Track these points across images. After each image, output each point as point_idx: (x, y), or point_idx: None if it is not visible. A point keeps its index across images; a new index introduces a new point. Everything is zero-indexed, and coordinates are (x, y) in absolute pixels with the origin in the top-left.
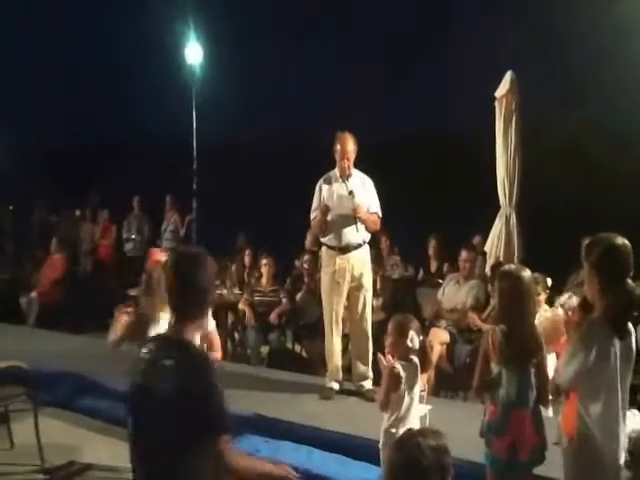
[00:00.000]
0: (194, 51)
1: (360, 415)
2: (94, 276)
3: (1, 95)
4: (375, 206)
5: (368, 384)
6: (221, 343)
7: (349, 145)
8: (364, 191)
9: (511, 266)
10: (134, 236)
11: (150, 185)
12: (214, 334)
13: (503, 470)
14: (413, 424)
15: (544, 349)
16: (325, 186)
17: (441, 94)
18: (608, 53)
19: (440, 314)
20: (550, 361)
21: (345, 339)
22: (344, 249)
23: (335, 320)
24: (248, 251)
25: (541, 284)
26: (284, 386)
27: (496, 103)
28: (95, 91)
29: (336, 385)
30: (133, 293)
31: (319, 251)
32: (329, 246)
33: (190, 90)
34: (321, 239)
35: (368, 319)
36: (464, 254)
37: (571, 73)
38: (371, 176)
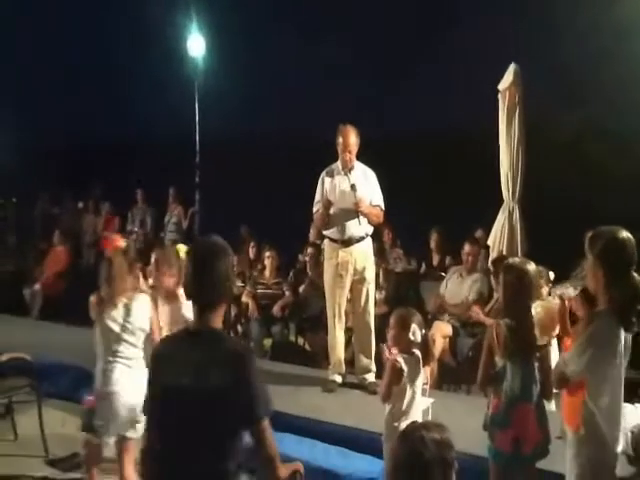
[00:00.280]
0: (196, 45)
1: (363, 408)
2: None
3: (3, 92)
4: (378, 199)
5: (371, 377)
6: None
7: (351, 138)
8: (367, 184)
9: (516, 260)
10: (137, 229)
11: (153, 178)
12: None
13: (506, 464)
14: (415, 417)
15: (549, 343)
16: (327, 179)
17: (444, 88)
18: (609, 52)
19: (443, 308)
20: (552, 353)
21: (348, 332)
22: (347, 242)
23: (338, 313)
24: (252, 244)
25: (544, 278)
26: (287, 379)
27: (499, 95)
28: (97, 86)
29: (339, 378)
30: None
31: (322, 244)
32: (332, 239)
33: (193, 84)
34: (324, 232)
35: (371, 312)
36: (467, 247)
37: (572, 71)
38: (374, 170)
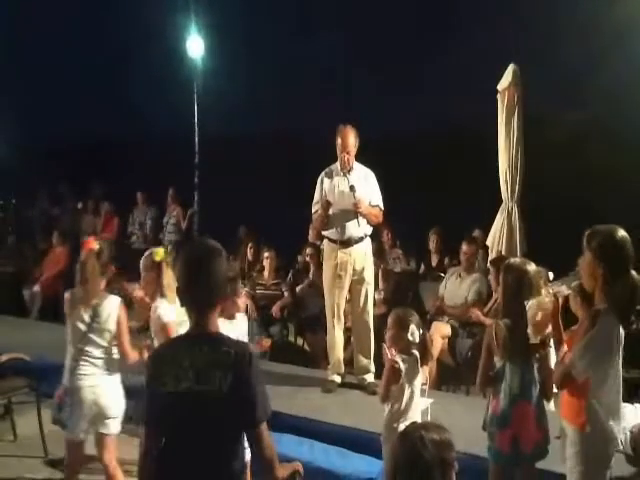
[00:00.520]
0: (196, 45)
1: (362, 408)
2: None
3: (2, 92)
4: (377, 199)
5: (370, 377)
6: None
7: (350, 138)
8: (366, 184)
9: (516, 260)
10: (137, 230)
11: (152, 178)
12: (170, 326)
13: (506, 463)
14: (414, 418)
15: (548, 344)
16: (326, 180)
17: (443, 88)
18: (609, 52)
19: (442, 310)
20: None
21: (347, 332)
22: (346, 243)
23: (337, 313)
24: (250, 245)
25: (543, 278)
26: (286, 379)
27: (498, 96)
28: (97, 86)
29: (338, 378)
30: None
31: (321, 244)
32: (331, 240)
33: (192, 84)
34: (323, 233)
35: (370, 312)
36: (465, 247)
37: (572, 70)
38: (373, 170)
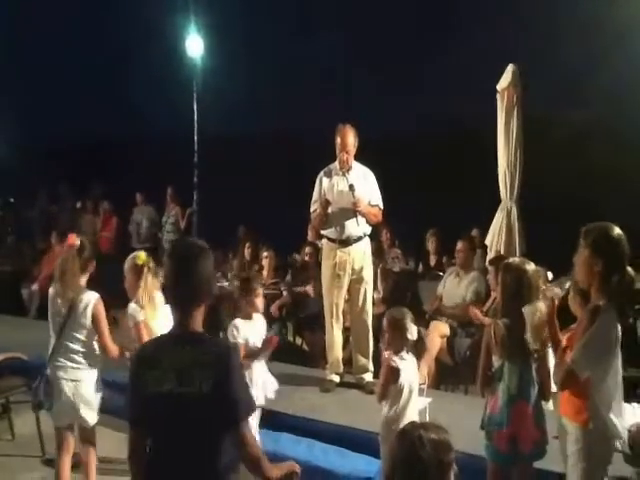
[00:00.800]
0: (195, 44)
1: (360, 407)
2: (95, 268)
3: (2, 92)
4: (376, 199)
5: (368, 377)
6: (222, 335)
7: (349, 138)
8: (365, 184)
9: (515, 259)
10: (137, 228)
11: (151, 177)
12: (138, 326)
13: (504, 463)
14: (412, 417)
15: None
16: (325, 179)
17: (443, 88)
18: (609, 52)
19: (441, 310)
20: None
21: (346, 332)
22: (345, 242)
23: (336, 313)
24: (248, 244)
25: (542, 277)
26: (285, 378)
27: (498, 96)
28: (97, 86)
29: (336, 378)
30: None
31: (320, 244)
32: (330, 239)
33: (191, 84)
34: (322, 232)
35: (369, 312)
36: (459, 245)
37: (572, 70)
38: (372, 170)
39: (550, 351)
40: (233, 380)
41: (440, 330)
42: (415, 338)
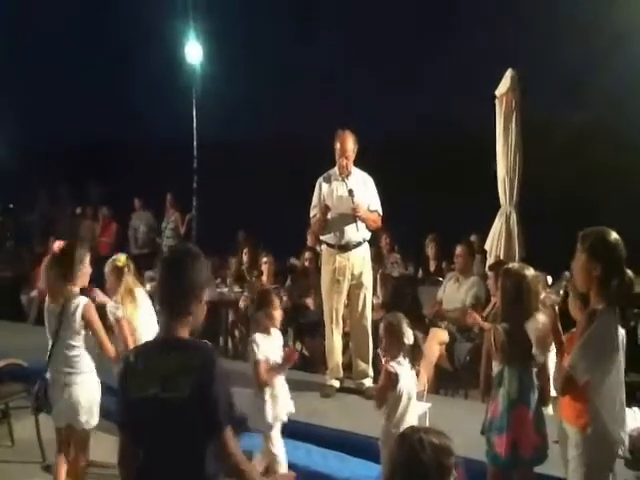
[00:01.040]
0: (195, 50)
1: (360, 413)
2: (94, 273)
3: (3, 92)
4: (375, 204)
5: (368, 382)
6: (222, 340)
7: (348, 143)
8: (364, 189)
9: (515, 264)
10: (134, 233)
11: (151, 183)
12: (124, 322)
13: (504, 467)
14: (412, 422)
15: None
16: (325, 184)
17: (442, 89)
18: (609, 53)
19: (440, 314)
20: (550, 361)
21: (345, 337)
22: (344, 247)
23: (335, 318)
24: (246, 250)
25: (541, 282)
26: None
27: (496, 101)
28: (96, 91)
29: (336, 383)
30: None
31: (320, 249)
32: (329, 244)
33: (191, 89)
34: (321, 237)
35: (368, 317)
36: (458, 249)
37: (572, 73)
38: (371, 175)
39: (550, 355)
40: (215, 386)
41: (439, 337)
42: (411, 342)
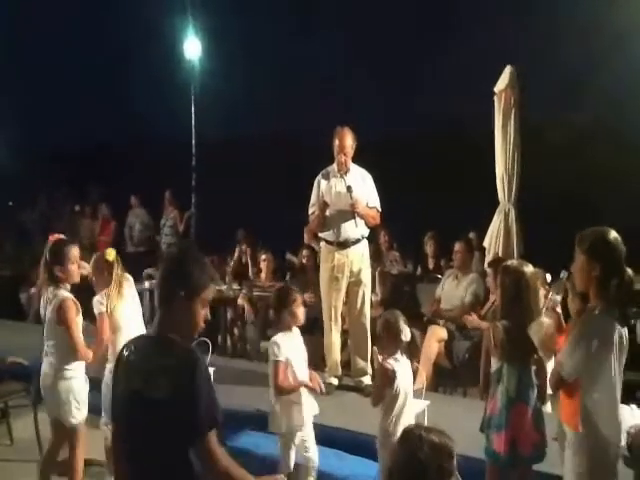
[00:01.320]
0: (193, 46)
1: (359, 410)
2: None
3: (3, 92)
4: (374, 201)
5: (367, 379)
6: (220, 339)
7: (347, 140)
8: (363, 186)
9: (514, 261)
10: (130, 231)
11: (151, 181)
12: (100, 317)
13: (503, 465)
14: (409, 420)
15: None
16: (323, 181)
17: (441, 90)
18: (608, 53)
19: (439, 313)
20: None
21: (344, 335)
22: (343, 244)
23: (334, 316)
24: (244, 247)
25: (540, 279)
26: None
27: (495, 98)
28: (96, 87)
29: (335, 380)
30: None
31: (318, 246)
32: (328, 241)
33: (189, 87)
34: (320, 234)
35: (367, 315)
36: (457, 246)
37: (571, 71)
38: (370, 172)
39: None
40: (195, 392)
41: (438, 335)
42: (409, 339)
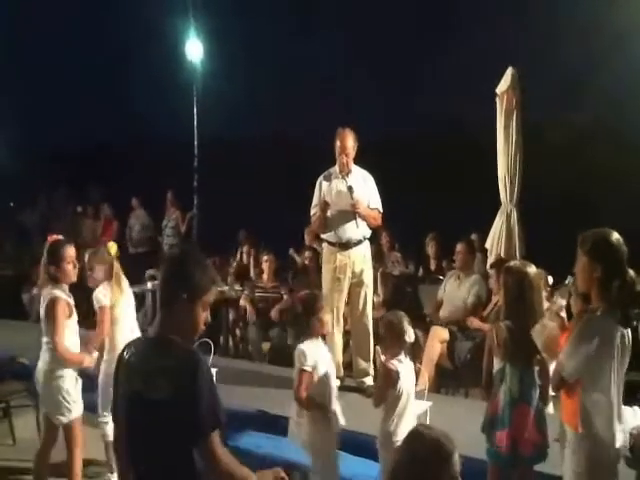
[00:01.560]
0: (195, 47)
1: (360, 411)
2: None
3: (2, 92)
4: (375, 202)
5: (369, 380)
6: (222, 339)
7: (348, 141)
8: (364, 187)
9: (516, 262)
10: (129, 232)
11: (152, 181)
12: (102, 310)
13: (504, 466)
14: (410, 421)
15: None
16: (325, 182)
17: (442, 89)
18: (609, 53)
19: (440, 319)
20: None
21: (346, 335)
22: (345, 245)
23: (336, 317)
24: (246, 248)
25: (542, 280)
26: (285, 382)
27: (497, 99)
28: (96, 90)
29: (337, 381)
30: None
31: (320, 247)
32: (330, 242)
33: (191, 88)
34: (322, 236)
35: (369, 315)
36: (458, 246)
37: (572, 72)
38: (372, 173)
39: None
40: (197, 390)
41: (440, 335)
42: (412, 340)
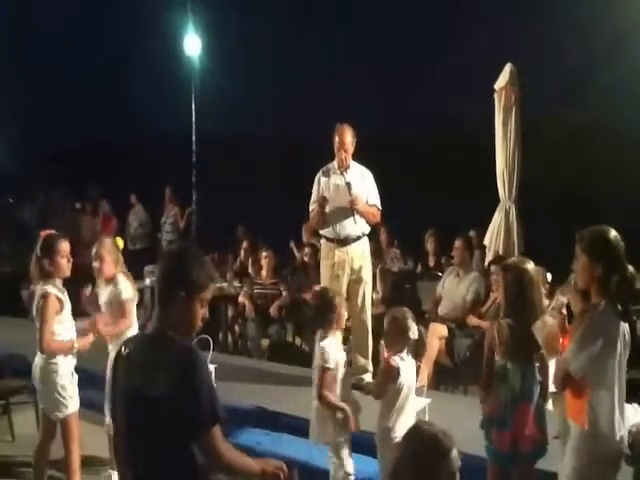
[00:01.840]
0: (193, 43)
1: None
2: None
3: (2, 92)
4: (374, 198)
5: (368, 377)
6: (221, 336)
7: (347, 137)
8: (363, 183)
9: (515, 259)
10: (133, 230)
11: (151, 178)
12: (127, 303)
13: (504, 462)
14: (409, 418)
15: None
16: (323, 178)
17: (442, 88)
18: (608, 52)
19: (438, 317)
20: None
21: (345, 332)
22: (343, 242)
23: None
24: (245, 244)
25: (541, 276)
26: (284, 379)
27: (495, 95)
28: (96, 86)
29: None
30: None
31: (318, 244)
32: (328, 239)
33: (190, 84)
34: (320, 232)
35: (368, 312)
36: (456, 243)
37: (571, 70)
38: (371, 170)
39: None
40: (196, 384)
41: (439, 332)
42: (416, 337)
